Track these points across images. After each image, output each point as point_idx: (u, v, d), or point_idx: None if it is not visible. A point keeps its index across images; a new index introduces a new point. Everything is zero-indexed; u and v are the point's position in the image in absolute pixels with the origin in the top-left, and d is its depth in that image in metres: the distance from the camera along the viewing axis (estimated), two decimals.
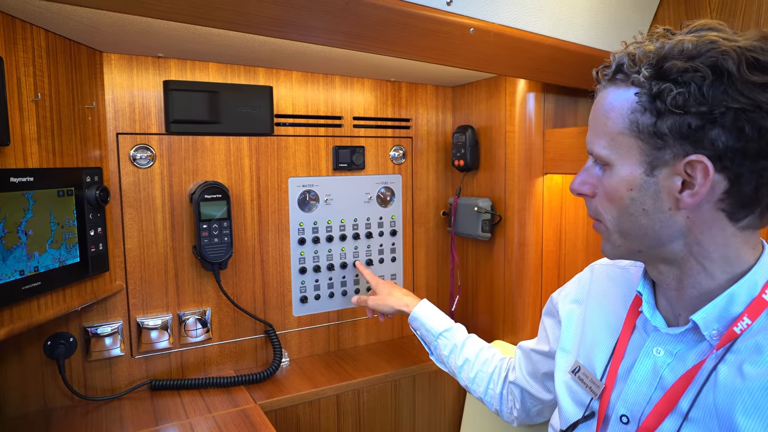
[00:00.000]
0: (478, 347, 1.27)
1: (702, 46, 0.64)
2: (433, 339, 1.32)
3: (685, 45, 0.65)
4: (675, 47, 0.66)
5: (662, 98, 0.65)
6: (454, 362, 1.28)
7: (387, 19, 1.03)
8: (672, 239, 0.71)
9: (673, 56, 0.65)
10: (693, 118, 0.63)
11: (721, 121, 0.63)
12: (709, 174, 0.64)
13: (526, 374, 1.13)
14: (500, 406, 1.20)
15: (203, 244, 1.40)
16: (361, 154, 1.69)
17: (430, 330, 1.33)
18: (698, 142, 0.64)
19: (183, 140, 1.43)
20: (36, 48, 1.08)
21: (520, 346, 1.18)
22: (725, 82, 0.62)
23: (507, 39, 1.17)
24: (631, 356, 0.81)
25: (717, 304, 0.70)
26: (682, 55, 0.65)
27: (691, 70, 0.63)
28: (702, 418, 0.68)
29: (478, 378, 1.23)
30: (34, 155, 1.08)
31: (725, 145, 0.63)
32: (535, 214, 1.59)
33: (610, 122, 0.71)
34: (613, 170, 0.72)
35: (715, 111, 0.62)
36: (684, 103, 0.63)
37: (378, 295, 1.48)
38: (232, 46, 1.29)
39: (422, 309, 1.37)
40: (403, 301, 1.42)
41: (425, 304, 1.38)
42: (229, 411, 1.31)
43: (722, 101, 0.62)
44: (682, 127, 0.64)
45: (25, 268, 1.04)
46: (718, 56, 0.63)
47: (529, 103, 1.56)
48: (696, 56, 0.64)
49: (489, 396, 1.21)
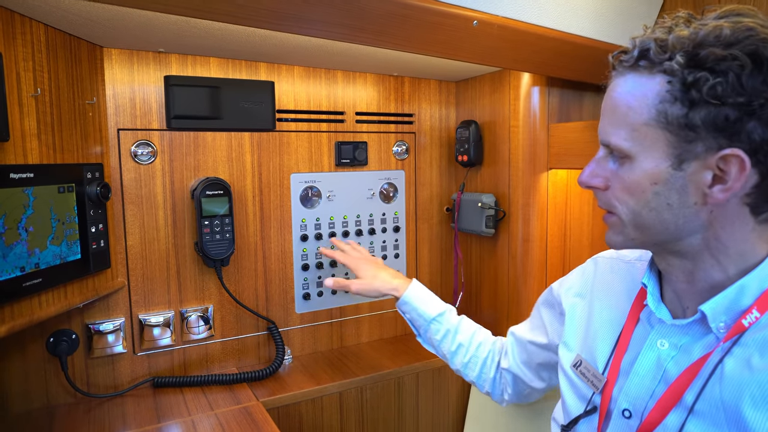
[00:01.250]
0: (471, 331, 1.23)
1: (739, 32, 0.61)
2: (425, 323, 1.24)
3: (723, 31, 0.61)
4: (711, 33, 0.62)
5: (698, 88, 0.61)
6: (447, 347, 1.22)
7: (389, 12, 1.01)
8: (691, 234, 0.69)
9: (709, 43, 0.62)
10: (730, 110, 0.60)
11: (760, 113, 0.60)
12: (746, 169, 0.62)
13: (520, 363, 1.12)
14: (492, 388, 1.19)
15: (205, 240, 1.39)
16: (363, 150, 1.68)
17: (423, 314, 1.24)
18: (734, 135, 0.61)
19: (184, 136, 1.42)
20: (35, 43, 1.07)
21: (513, 333, 1.16)
22: (765, 72, 0.60)
23: (511, 32, 1.16)
24: (634, 349, 0.80)
25: (727, 296, 0.68)
26: (719, 42, 0.61)
27: (729, 59, 0.60)
28: (708, 411, 0.67)
29: (472, 363, 1.20)
30: (34, 151, 1.07)
31: (762, 138, 0.61)
32: (540, 210, 1.57)
33: (632, 112, 0.68)
34: (634, 163, 0.69)
35: (753, 102, 0.60)
36: (722, 94, 0.60)
37: (362, 279, 1.34)
38: (233, 41, 1.28)
39: (413, 292, 1.26)
40: (392, 284, 1.29)
41: (416, 287, 1.28)
42: (231, 408, 1.30)
43: (762, 92, 0.59)
44: (718, 119, 0.61)
45: (25, 264, 1.03)
46: (758, 44, 0.60)
47: (533, 98, 1.55)
48: (734, 43, 0.60)
49: (482, 380, 1.20)
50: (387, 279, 1.31)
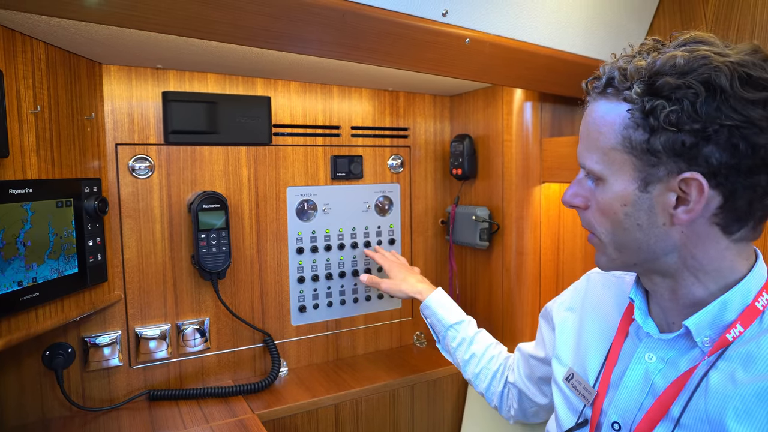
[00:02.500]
0: (486, 343, 1.28)
1: (694, 61, 0.63)
2: (443, 329, 1.32)
3: (677, 60, 0.64)
4: (667, 63, 0.65)
5: (655, 115, 0.64)
6: (461, 355, 1.29)
7: (383, 31, 1.04)
8: (666, 253, 0.72)
9: (665, 72, 0.65)
10: (686, 136, 0.63)
11: (715, 138, 0.62)
12: (704, 191, 0.64)
13: (524, 377, 1.14)
14: (500, 403, 1.22)
15: (201, 253, 1.41)
16: (359, 164, 1.69)
17: (441, 320, 1.33)
18: (692, 159, 0.64)
19: (182, 150, 1.44)
20: (36, 60, 1.09)
21: (519, 349, 1.19)
22: (718, 99, 0.62)
23: (502, 49, 1.18)
24: (623, 363, 0.81)
25: (710, 311, 0.70)
26: (674, 71, 0.64)
27: (683, 87, 0.63)
28: (693, 424, 0.68)
29: (482, 374, 1.24)
30: (33, 167, 1.08)
31: (719, 162, 0.63)
32: (533, 223, 1.59)
33: (602, 137, 0.71)
34: (606, 185, 0.72)
35: (708, 128, 0.62)
36: (677, 121, 0.63)
37: (392, 279, 1.46)
38: (230, 58, 1.30)
39: (435, 298, 1.36)
40: (417, 288, 1.40)
41: (439, 294, 1.37)
42: (226, 421, 1.31)
43: (716, 118, 0.62)
44: (676, 144, 0.64)
45: (23, 279, 1.04)
46: (710, 72, 0.62)
47: (526, 112, 1.57)
48: (688, 72, 0.63)
49: (491, 393, 1.23)
50: (413, 283, 1.43)
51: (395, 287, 1.43)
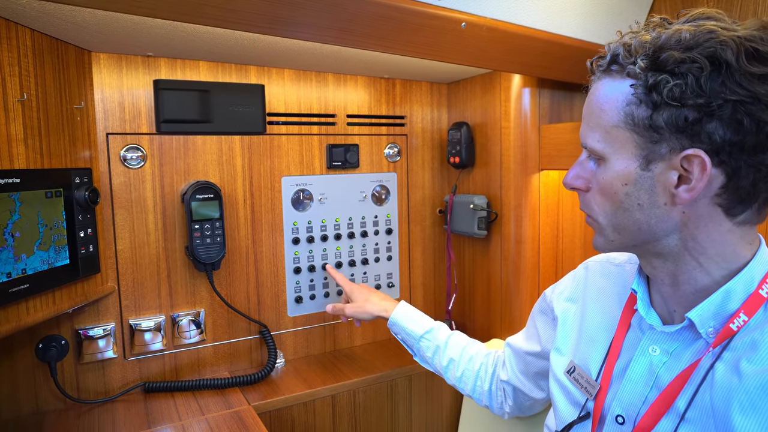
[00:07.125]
0: (461, 345, 1.24)
1: (700, 35, 0.62)
2: (415, 342, 1.28)
3: (682, 35, 0.63)
4: (672, 37, 0.63)
5: (658, 90, 0.63)
6: (438, 363, 1.25)
7: (377, 14, 1.01)
8: (667, 234, 0.70)
9: (669, 46, 0.63)
10: (690, 111, 0.62)
11: (719, 114, 0.61)
12: (707, 169, 0.63)
13: (518, 373, 1.12)
14: (490, 401, 1.19)
15: (195, 244, 1.39)
16: (355, 152, 1.67)
17: (411, 333, 1.29)
18: (695, 135, 0.62)
19: (174, 140, 1.42)
20: (21, 47, 1.06)
21: (509, 344, 1.16)
22: (723, 74, 0.60)
23: (499, 33, 1.16)
24: (626, 355, 0.80)
25: (713, 301, 0.69)
26: (679, 45, 0.62)
27: (688, 61, 0.61)
28: (699, 418, 0.67)
29: (465, 376, 1.21)
30: (21, 156, 1.06)
31: (723, 138, 0.61)
32: (531, 211, 1.57)
33: (604, 115, 0.69)
34: (607, 164, 0.71)
35: (712, 103, 0.60)
36: (681, 96, 0.61)
37: (355, 302, 1.42)
38: (222, 44, 1.28)
39: (401, 312, 1.32)
40: (381, 306, 1.37)
41: (403, 307, 1.33)
42: (222, 413, 1.30)
43: (720, 93, 0.60)
44: (679, 120, 0.62)
45: (12, 270, 1.03)
46: (716, 46, 0.60)
47: (524, 99, 1.55)
48: (694, 46, 0.62)
49: (478, 393, 1.20)
50: (377, 302, 1.39)
51: (360, 309, 1.39)
